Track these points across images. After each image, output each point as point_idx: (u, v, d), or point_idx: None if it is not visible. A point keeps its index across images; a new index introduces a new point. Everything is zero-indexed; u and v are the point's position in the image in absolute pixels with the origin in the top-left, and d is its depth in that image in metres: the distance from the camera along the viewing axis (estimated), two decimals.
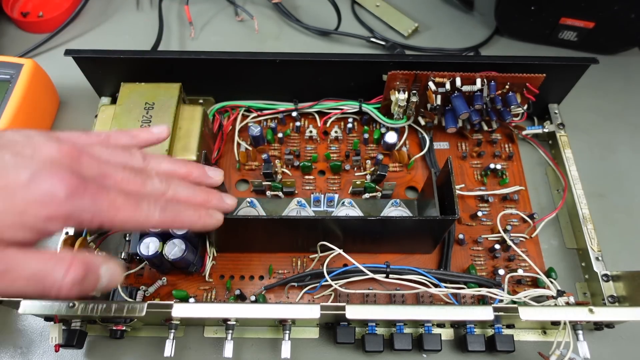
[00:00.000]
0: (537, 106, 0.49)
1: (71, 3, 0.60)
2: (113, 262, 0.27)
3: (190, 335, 0.40)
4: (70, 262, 0.25)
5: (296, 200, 0.45)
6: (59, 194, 0.24)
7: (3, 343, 0.40)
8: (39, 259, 0.25)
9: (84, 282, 0.26)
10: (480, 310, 0.34)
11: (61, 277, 0.25)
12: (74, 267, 0.25)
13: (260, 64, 0.44)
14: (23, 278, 0.24)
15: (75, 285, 0.25)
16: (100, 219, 0.26)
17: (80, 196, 0.25)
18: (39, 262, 0.25)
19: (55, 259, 0.25)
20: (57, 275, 0.25)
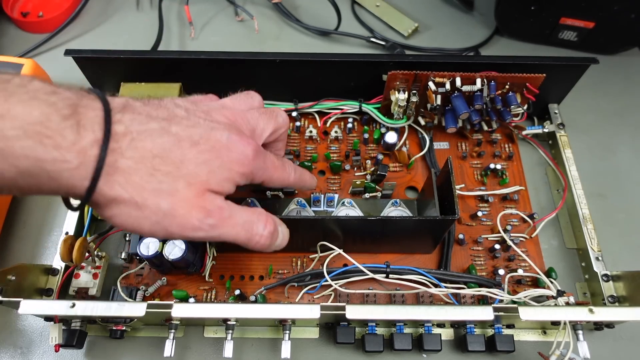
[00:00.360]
0: (537, 106, 0.49)
1: (71, 3, 0.60)
2: (284, 225, 0.33)
3: (190, 335, 0.40)
4: (266, 217, 0.31)
5: (296, 200, 0.45)
6: (250, 155, 0.29)
7: (3, 343, 0.40)
8: (247, 212, 0.30)
9: (274, 235, 0.31)
10: (480, 310, 0.34)
11: (262, 229, 0.30)
12: (269, 221, 0.31)
13: (260, 64, 0.44)
14: (239, 224, 0.29)
15: (270, 235, 0.30)
16: (267, 175, 0.32)
17: (259, 157, 0.30)
18: (248, 214, 0.30)
19: (256, 213, 0.30)
20: (260, 226, 0.30)
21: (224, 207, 0.28)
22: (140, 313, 0.33)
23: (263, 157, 0.31)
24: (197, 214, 0.27)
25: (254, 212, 0.30)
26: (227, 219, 0.28)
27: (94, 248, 0.40)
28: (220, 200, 0.28)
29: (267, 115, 0.34)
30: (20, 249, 0.44)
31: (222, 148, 0.28)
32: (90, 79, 0.48)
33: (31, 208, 0.47)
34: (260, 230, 0.30)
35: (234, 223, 0.29)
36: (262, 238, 0.30)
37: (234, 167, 0.29)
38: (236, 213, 0.29)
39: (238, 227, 0.29)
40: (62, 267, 0.40)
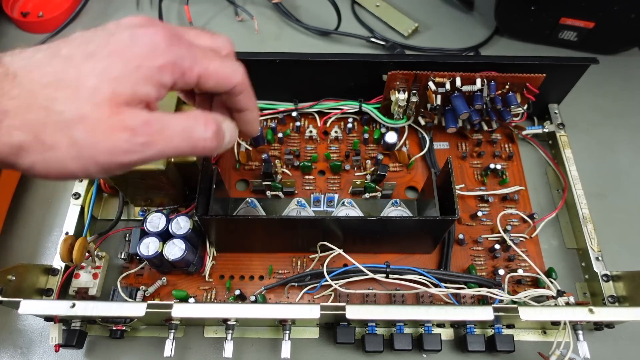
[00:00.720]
0: (537, 106, 0.49)
1: (71, 3, 0.60)
2: (228, 119, 0.29)
3: (190, 335, 0.40)
4: (205, 116, 0.27)
5: (296, 200, 0.45)
6: (161, 44, 0.25)
7: (3, 343, 0.40)
8: (181, 117, 0.26)
9: (219, 135, 0.27)
10: (480, 310, 0.34)
11: (204, 131, 0.26)
12: (210, 120, 0.27)
13: (260, 64, 0.44)
14: (177, 135, 0.25)
15: (215, 136, 0.27)
16: (198, 68, 0.27)
17: (177, 44, 0.26)
18: (183, 120, 0.26)
19: (192, 116, 0.27)
20: (200, 129, 0.26)
21: (152, 119, 0.24)
22: (140, 313, 0.33)
23: (187, 44, 0.27)
24: (120, 134, 0.23)
25: (189, 115, 0.26)
26: (159, 132, 0.25)
27: (94, 248, 0.40)
28: (145, 113, 0.24)
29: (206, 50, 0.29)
30: (20, 249, 0.44)
31: (125, 47, 0.25)
32: None
33: (31, 208, 0.47)
34: (202, 134, 0.26)
35: (170, 134, 0.25)
36: (207, 141, 0.26)
37: (143, 62, 0.25)
38: (169, 122, 0.25)
39: (176, 137, 0.25)
40: (62, 267, 0.40)
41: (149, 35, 0.25)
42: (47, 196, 0.47)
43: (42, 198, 0.47)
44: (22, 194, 0.47)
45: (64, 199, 0.47)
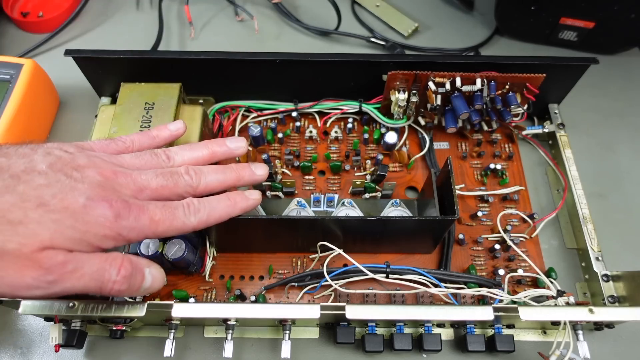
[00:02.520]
0: (537, 106, 0.49)
1: (71, 3, 0.60)
2: (156, 266, 0.32)
3: (190, 335, 0.40)
4: (122, 261, 0.29)
5: (296, 201, 0.45)
6: (109, 217, 0.28)
7: (3, 343, 0.40)
8: (98, 259, 0.28)
9: (132, 279, 0.29)
10: (480, 310, 0.34)
11: (115, 274, 0.28)
12: (124, 265, 0.29)
13: (260, 64, 0.44)
14: (88, 275, 0.28)
15: (125, 280, 0.29)
16: (144, 234, 0.30)
17: (125, 217, 0.29)
18: (99, 262, 0.28)
19: (110, 259, 0.29)
20: (112, 272, 0.28)
21: (68, 260, 0.27)
22: (140, 313, 0.33)
23: (134, 216, 0.29)
24: (31, 272, 0.26)
25: (107, 257, 0.29)
26: (70, 273, 0.27)
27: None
28: (63, 255, 0.27)
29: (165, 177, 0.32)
30: None
31: (78, 210, 0.27)
32: (90, 79, 0.48)
33: None
34: (113, 277, 0.28)
35: (80, 275, 0.27)
36: (116, 284, 0.29)
37: (90, 229, 0.28)
38: (84, 264, 0.28)
39: (86, 277, 0.27)
40: None
41: (101, 208, 0.28)
42: None
43: None
44: None
45: None
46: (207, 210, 0.33)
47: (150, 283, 0.31)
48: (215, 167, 0.35)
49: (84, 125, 0.50)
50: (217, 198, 0.34)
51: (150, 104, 0.42)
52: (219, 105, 0.49)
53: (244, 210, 0.35)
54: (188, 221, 0.31)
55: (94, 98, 0.50)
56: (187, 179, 0.33)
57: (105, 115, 0.44)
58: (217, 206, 0.33)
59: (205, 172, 0.34)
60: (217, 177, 0.34)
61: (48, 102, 0.51)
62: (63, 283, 0.27)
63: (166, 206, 0.31)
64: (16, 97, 0.46)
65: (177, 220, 0.31)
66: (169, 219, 0.31)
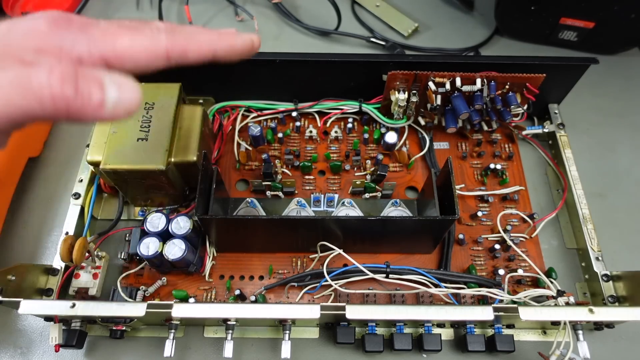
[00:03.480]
0: (537, 106, 0.49)
1: (71, 3, 0.60)
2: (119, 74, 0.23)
3: (190, 335, 0.40)
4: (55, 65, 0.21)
5: (296, 200, 0.45)
6: (41, 27, 0.22)
7: (3, 343, 0.40)
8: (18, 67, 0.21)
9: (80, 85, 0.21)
10: (480, 310, 0.34)
11: (46, 76, 0.21)
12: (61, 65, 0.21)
13: (260, 64, 0.44)
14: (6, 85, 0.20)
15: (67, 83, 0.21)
16: (99, 49, 0.23)
17: (64, 28, 0.23)
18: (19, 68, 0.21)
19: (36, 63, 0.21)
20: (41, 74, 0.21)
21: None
22: (140, 313, 0.33)
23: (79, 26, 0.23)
24: None
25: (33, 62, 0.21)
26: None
27: (94, 248, 0.40)
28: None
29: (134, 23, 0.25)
30: (20, 249, 0.44)
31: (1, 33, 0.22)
32: None
33: (31, 208, 0.47)
34: (44, 79, 0.21)
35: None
36: (54, 88, 0.21)
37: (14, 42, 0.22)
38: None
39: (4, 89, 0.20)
40: (62, 267, 0.40)
41: (27, 20, 0.22)
42: (47, 196, 0.47)
43: (42, 198, 0.47)
44: (22, 194, 0.47)
45: (64, 199, 0.47)
46: (185, 34, 0.26)
47: (116, 92, 0.22)
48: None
49: (84, 125, 0.50)
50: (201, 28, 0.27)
51: (150, 104, 0.42)
52: (219, 105, 0.49)
53: (231, 48, 0.27)
54: (158, 39, 0.25)
55: None
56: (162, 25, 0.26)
57: None
58: (200, 35, 0.26)
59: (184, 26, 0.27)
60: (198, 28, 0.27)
61: None
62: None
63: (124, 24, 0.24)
64: None
65: (143, 36, 0.24)
66: (130, 32, 0.24)
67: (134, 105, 0.23)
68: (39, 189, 0.48)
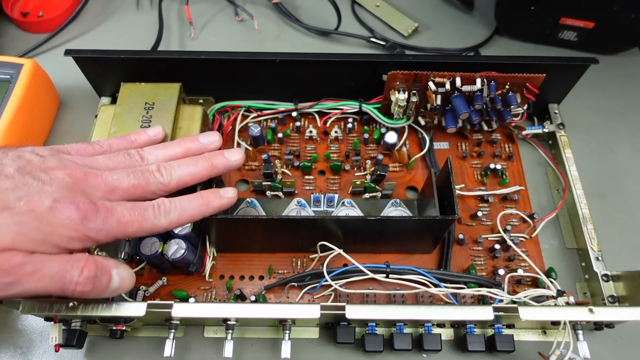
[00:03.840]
0: (537, 106, 0.49)
1: (71, 3, 0.60)
2: (124, 267, 0.31)
3: (190, 335, 0.40)
4: (85, 262, 0.29)
5: (296, 200, 0.45)
6: (76, 219, 0.28)
7: (3, 343, 0.40)
8: (60, 261, 0.28)
9: (97, 281, 0.29)
10: (480, 310, 0.34)
11: (77, 275, 0.28)
12: (88, 266, 0.29)
13: (260, 64, 0.44)
14: (48, 277, 0.27)
15: (88, 281, 0.29)
16: (113, 235, 0.30)
17: (92, 220, 0.29)
18: (60, 263, 0.28)
19: (72, 260, 0.29)
20: (74, 273, 0.28)
21: (26, 262, 0.27)
22: (140, 313, 0.33)
23: (102, 218, 0.29)
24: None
25: (70, 259, 0.29)
26: (29, 274, 0.27)
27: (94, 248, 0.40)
28: (22, 257, 0.27)
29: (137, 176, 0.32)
30: None
31: (43, 212, 0.28)
32: (90, 79, 0.48)
33: None
34: (75, 277, 0.28)
35: (40, 276, 0.27)
36: (79, 285, 0.28)
37: (55, 230, 0.28)
38: (44, 265, 0.27)
39: (46, 279, 0.27)
40: None
41: (68, 209, 0.28)
42: None
43: None
44: None
45: None
46: (179, 210, 0.33)
47: (118, 284, 0.31)
48: (187, 159, 0.35)
49: (84, 125, 0.50)
50: (189, 197, 0.34)
51: (150, 104, 0.42)
52: (219, 105, 0.49)
53: (217, 209, 0.34)
54: (158, 222, 0.32)
55: (94, 98, 0.50)
56: (158, 176, 0.33)
57: (105, 115, 0.44)
58: (189, 206, 0.33)
59: (175, 167, 0.34)
60: (188, 169, 0.34)
61: (48, 102, 0.51)
62: (21, 285, 0.27)
63: (135, 207, 0.31)
64: (16, 97, 0.46)
65: (147, 222, 0.31)
66: (138, 220, 0.31)
67: (127, 291, 0.32)
68: None
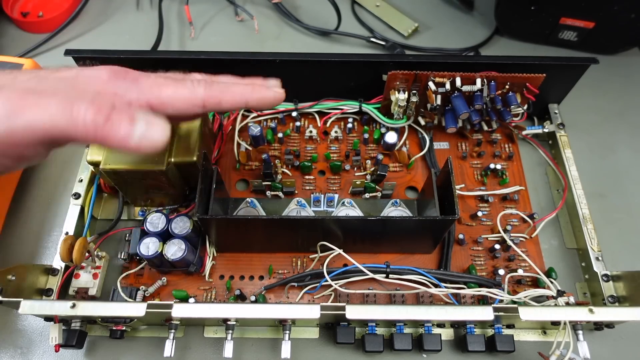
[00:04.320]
0: (537, 106, 0.49)
1: (71, 3, 0.60)
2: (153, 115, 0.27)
3: (190, 335, 0.40)
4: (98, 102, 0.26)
5: (296, 200, 0.45)
6: (102, 76, 0.27)
7: (3, 343, 0.40)
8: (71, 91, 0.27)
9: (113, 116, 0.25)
10: (480, 310, 0.34)
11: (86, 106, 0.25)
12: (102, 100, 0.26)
13: (260, 64, 0.44)
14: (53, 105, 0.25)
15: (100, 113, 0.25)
16: (146, 97, 0.28)
17: (121, 78, 0.28)
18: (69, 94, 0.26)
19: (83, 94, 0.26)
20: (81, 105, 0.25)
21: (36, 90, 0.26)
22: (140, 313, 0.33)
23: (133, 78, 0.28)
24: None
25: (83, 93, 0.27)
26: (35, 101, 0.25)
27: (94, 248, 0.40)
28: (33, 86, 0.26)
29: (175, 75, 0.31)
30: (20, 249, 0.44)
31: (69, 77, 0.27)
32: None
33: (31, 208, 0.47)
34: (83, 108, 0.25)
35: (46, 104, 0.25)
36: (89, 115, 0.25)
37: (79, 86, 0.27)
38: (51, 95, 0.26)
39: (52, 107, 0.25)
40: (62, 267, 0.40)
41: (92, 70, 0.28)
42: (47, 196, 0.47)
43: (42, 198, 0.47)
44: (22, 194, 0.47)
45: (64, 199, 0.47)
46: (221, 87, 0.30)
47: (144, 128, 0.26)
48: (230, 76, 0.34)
49: None
50: (235, 79, 0.32)
51: None
52: None
53: (261, 99, 0.32)
54: (197, 91, 0.29)
55: None
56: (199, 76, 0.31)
57: None
58: (233, 87, 0.31)
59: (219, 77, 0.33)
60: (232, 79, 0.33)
61: None
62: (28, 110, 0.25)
63: (170, 76, 0.30)
64: None
65: (184, 88, 0.29)
66: (174, 84, 0.29)
67: (158, 141, 0.26)
68: (39, 189, 0.48)
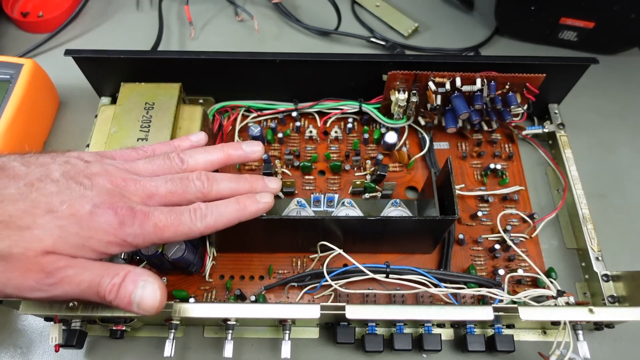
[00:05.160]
0: (537, 106, 0.49)
1: (71, 3, 0.60)
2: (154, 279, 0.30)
3: (190, 335, 0.40)
4: (116, 270, 0.29)
5: (296, 200, 0.45)
6: (114, 224, 0.29)
7: (3, 343, 0.40)
8: (100, 267, 0.29)
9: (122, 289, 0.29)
10: (480, 310, 0.34)
11: (108, 282, 0.28)
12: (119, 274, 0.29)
13: (260, 64, 0.44)
14: (86, 282, 0.28)
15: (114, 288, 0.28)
16: (150, 240, 0.30)
17: (130, 224, 0.29)
18: (100, 269, 0.29)
19: (111, 268, 0.29)
20: (106, 280, 0.28)
21: (69, 265, 0.28)
22: None
23: (139, 223, 0.30)
24: (34, 275, 0.27)
25: (109, 267, 0.29)
26: (69, 277, 0.28)
27: None
28: (65, 261, 0.28)
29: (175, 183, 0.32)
30: None
31: (84, 216, 0.28)
32: (90, 79, 0.48)
33: None
34: (105, 284, 0.28)
35: (79, 280, 0.28)
36: (107, 292, 0.28)
37: (94, 235, 0.29)
38: (85, 270, 0.28)
39: (84, 284, 0.28)
40: None
41: (107, 215, 0.29)
42: None
43: None
44: None
45: None
46: (215, 215, 0.32)
47: (140, 294, 0.29)
48: (229, 175, 0.35)
49: (84, 125, 0.50)
50: (226, 202, 0.33)
51: (150, 104, 0.42)
52: (219, 105, 0.49)
53: (254, 214, 0.34)
54: (194, 226, 0.31)
55: (94, 98, 0.50)
56: (199, 184, 0.33)
57: (105, 115, 0.44)
58: (225, 211, 0.33)
59: (218, 179, 0.34)
60: (229, 185, 0.34)
61: (48, 102, 0.51)
62: (62, 286, 0.28)
63: (172, 211, 0.31)
64: (16, 97, 0.45)
65: (183, 226, 0.31)
66: (174, 224, 0.31)
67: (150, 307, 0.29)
68: None
